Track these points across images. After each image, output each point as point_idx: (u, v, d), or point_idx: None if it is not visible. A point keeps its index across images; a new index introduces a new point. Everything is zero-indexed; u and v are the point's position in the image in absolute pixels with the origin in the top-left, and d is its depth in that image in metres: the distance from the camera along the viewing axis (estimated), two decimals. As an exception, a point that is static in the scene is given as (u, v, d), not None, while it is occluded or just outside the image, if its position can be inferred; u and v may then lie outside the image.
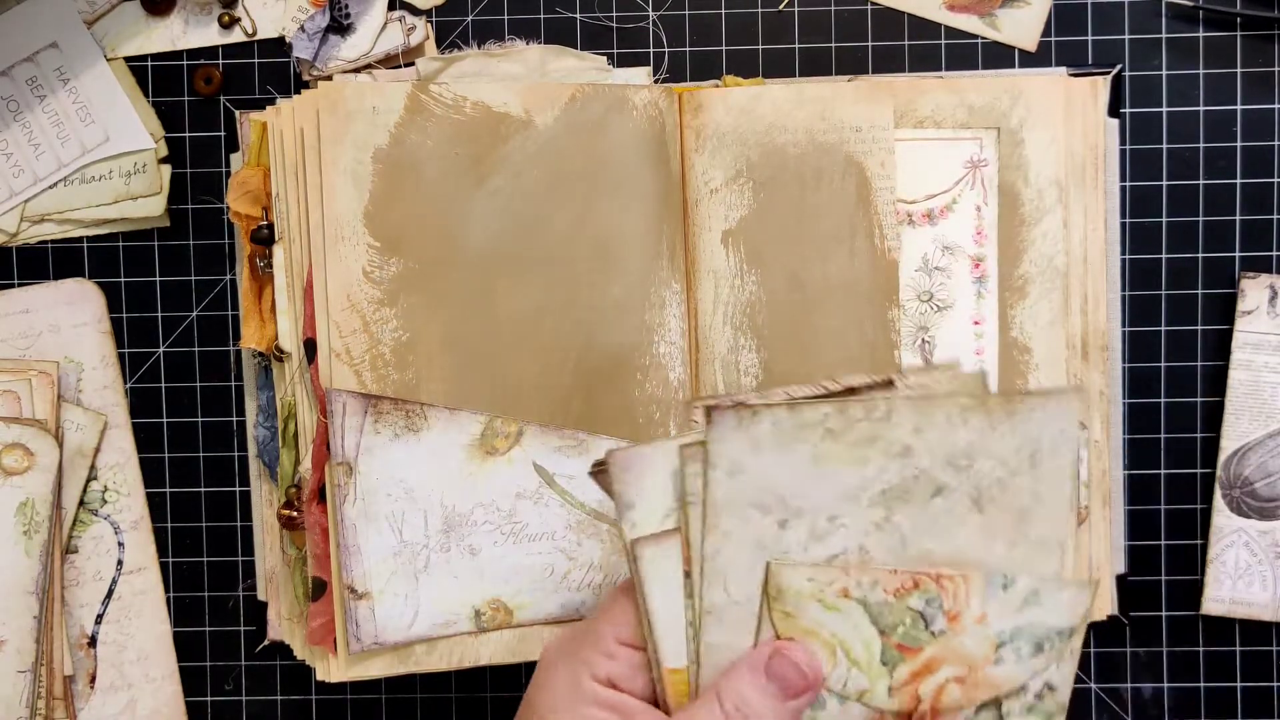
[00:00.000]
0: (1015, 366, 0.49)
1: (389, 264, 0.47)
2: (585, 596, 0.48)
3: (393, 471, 0.47)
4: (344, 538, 0.47)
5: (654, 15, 0.51)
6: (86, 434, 0.52)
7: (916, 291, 0.49)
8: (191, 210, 0.52)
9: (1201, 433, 0.51)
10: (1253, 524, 0.51)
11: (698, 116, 0.49)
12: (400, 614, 0.47)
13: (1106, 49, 0.51)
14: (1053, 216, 0.49)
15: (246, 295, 0.49)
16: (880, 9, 0.51)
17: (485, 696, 0.53)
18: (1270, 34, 0.51)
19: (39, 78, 0.52)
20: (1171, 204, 0.51)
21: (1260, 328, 0.50)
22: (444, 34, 0.52)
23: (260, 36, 0.52)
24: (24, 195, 0.52)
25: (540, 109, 0.47)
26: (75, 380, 0.52)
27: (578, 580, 0.48)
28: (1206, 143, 0.51)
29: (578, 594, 0.48)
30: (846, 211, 0.48)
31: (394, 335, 0.47)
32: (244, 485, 0.52)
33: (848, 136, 0.48)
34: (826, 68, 0.51)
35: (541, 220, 0.47)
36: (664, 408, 0.48)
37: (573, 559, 0.48)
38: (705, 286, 0.49)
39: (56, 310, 0.52)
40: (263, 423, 0.50)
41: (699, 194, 0.49)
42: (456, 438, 0.47)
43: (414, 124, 0.47)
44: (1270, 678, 0.52)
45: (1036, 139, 0.48)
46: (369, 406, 0.46)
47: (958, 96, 0.49)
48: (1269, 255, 0.51)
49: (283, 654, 0.52)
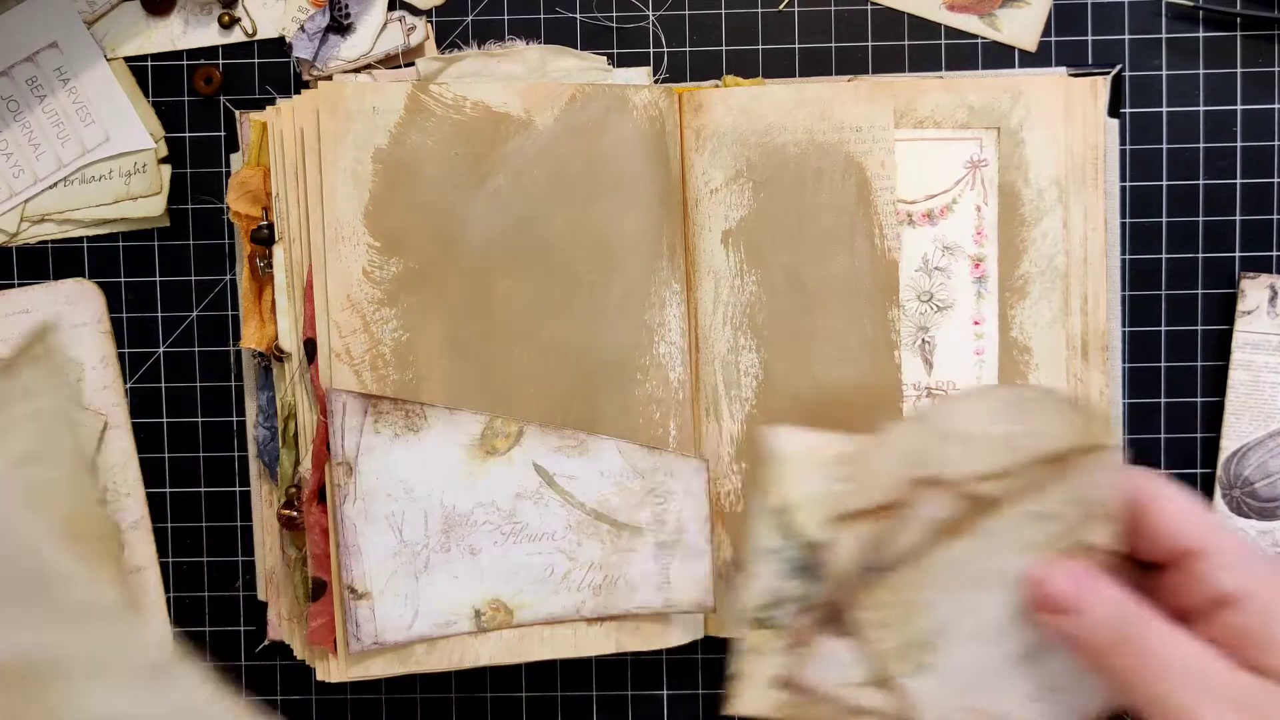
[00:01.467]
0: (1015, 366, 0.49)
1: (389, 264, 0.47)
2: (585, 596, 0.48)
3: (393, 471, 0.47)
4: (344, 538, 0.47)
5: (654, 15, 0.51)
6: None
7: (916, 291, 0.49)
8: (191, 210, 0.52)
9: (1201, 433, 0.51)
10: (1253, 524, 0.51)
11: (698, 116, 0.49)
12: (400, 614, 0.47)
13: (1106, 49, 0.51)
14: (1053, 216, 0.49)
15: (246, 295, 0.49)
16: (880, 9, 0.51)
17: (485, 696, 0.53)
18: (1270, 34, 0.51)
19: (39, 78, 0.52)
20: (1171, 204, 0.51)
21: (1260, 328, 0.50)
22: (444, 34, 0.52)
23: (260, 36, 0.52)
24: (24, 195, 0.52)
25: (540, 109, 0.47)
26: (75, 380, 0.52)
27: (578, 580, 0.48)
28: (1206, 143, 0.51)
29: (578, 594, 0.48)
30: (846, 211, 0.48)
31: (394, 335, 0.47)
32: (244, 485, 0.52)
33: (848, 136, 0.48)
34: (826, 68, 0.51)
35: (541, 220, 0.47)
36: (664, 408, 0.48)
37: (573, 559, 0.48)
38: (705, 286, 0.49)
39: (56, 310, 0.52)
40: (263, 423, 0.50)
41: (699, 194, 0.49)
42: (456, 438, 0.47)
43: (414, 124, 0.47)
44: (1270, 678, 0.51)
45: (1036, 139, 0.48)
46: (369, 406, 0.46)
47: (958, 96, 0.49)
48: (1269, 255, 0.51)
49: (283, 654, 0.52)
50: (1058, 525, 0.38)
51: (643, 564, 0.48)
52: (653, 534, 0.48)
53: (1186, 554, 0.37)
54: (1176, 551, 0.37)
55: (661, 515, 0.48)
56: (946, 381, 0.49)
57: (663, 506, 0.48)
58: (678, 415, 0.48)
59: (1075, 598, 0.37)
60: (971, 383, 0.49)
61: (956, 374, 0.49)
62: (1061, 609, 0.37)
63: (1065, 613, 0.37)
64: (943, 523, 0.38)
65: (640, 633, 0.49)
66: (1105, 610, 0.37)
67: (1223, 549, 0.36)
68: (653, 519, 0.48)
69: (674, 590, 0.48)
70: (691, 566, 0.48)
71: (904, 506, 0.38)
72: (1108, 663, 0.37)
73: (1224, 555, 0.36)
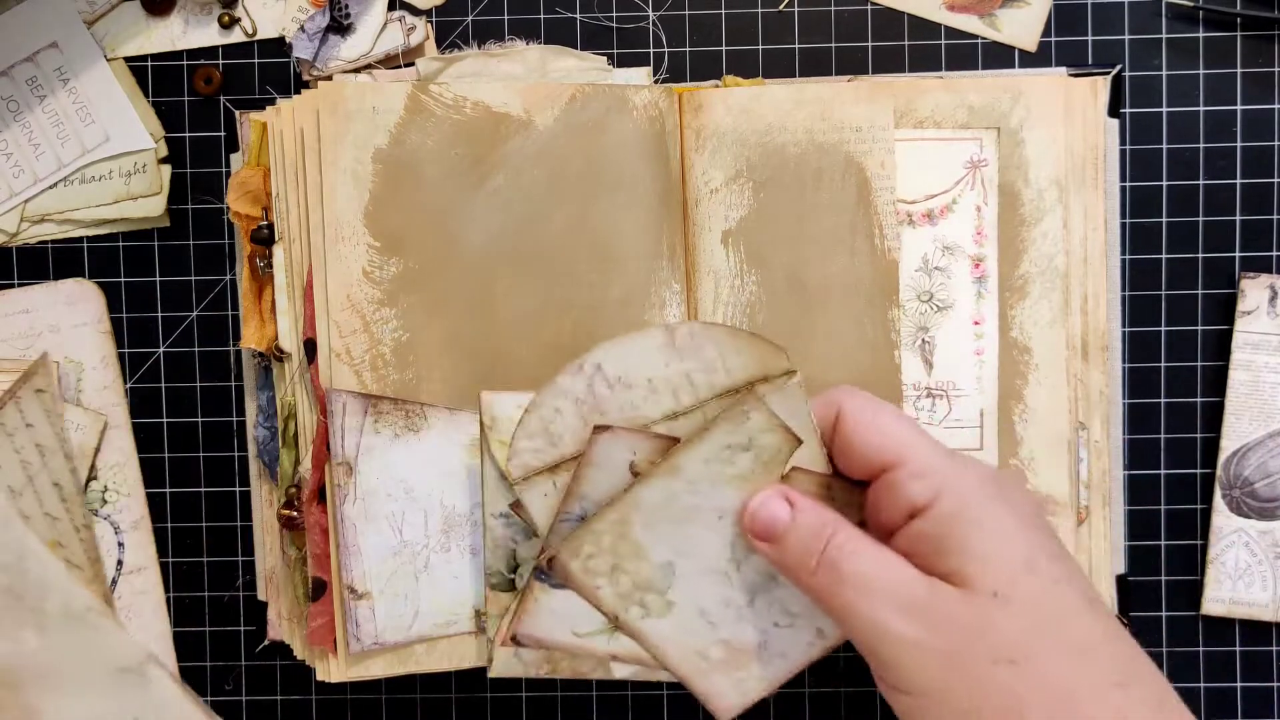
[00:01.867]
0: (1015, 366, 0.49)
1: (389, 264, 0.47)
2: (585, 596, 0.48)
3: (393, 471, 0.47)
4: (344, 538, 0.47)
5: (654, 15, 0.51)
6: (86, 434, 0.52)
7: (916, 291, 0.49)
8: (191, 210, 0.52)
9: (1201, 433, 0.51)
10: (1253, 524, 0.51)
11: (698, 116, 0.49)
12: (400, 614, 0.47)
13: (1106, 49, 0.51)
14: (1053, 216, 0.49)
15: (246, 295, 0.49)
16: (880, 9, 0.51)
17: (485, 696, 0.53)
18: (1270, 34, 0.51)
19: (39, 78, 0.52)
20: (1171, 204, 0.51)
21: (1260, 328, 0.50)
22: (444, 34, 0.52)
23: (260, 36, 0.52)
24: (24, 195, 0.52)
25: (540, 109, 0.47)
26: (75, 380, 0.52)
27: (578, 580, 0.48)
28: (1206, 143, 0.51)
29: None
30: (846, 211, 0.48)
31: (394, 335, 0.47)
32: (244, 485, 0.52)
33: (848, 136, 0.48)
34: (826, 68, 0.51)
35: (541, 220, 0.47)
36: (664, 408, 0.48)
37: (573, 559, 0.48)
38: (705, 286, 0.49)
39: (56, 310, 0.52)
40: (263, 423, 0.50)
41: (699, 194, 0.49)
42: (456, 438, 0.47)
43: (414, 124, 0.47)
44: (1270, 678, 0.52)
45: (1036, 139, 0.48)
46: (369, 406, 0.46)
47: (958, 96, 0.49)
48: (1269, 255, 0.51)
49: (283, 654, 0.52)
50: (755, 455, 0.38)
51: (643, 564, 0.48)
52: (652, 534, 0.48)
53: (883, 466, 0.37)
54: (874, 465, 0.37)
55: (661, 515, 0.48)
56: (947, 381, 0.49)
57: (663, 506, 0.48)
58: (678, 415, 0.48)
59: (773, 522, 0.37)
60: (969, 383, 0.49)
61: (957, 374, 0.49)
62: (766, 535, 0.37)
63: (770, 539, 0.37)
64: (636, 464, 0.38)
65: (640, 633, 0.49)
66: (799, 532, 0.37)
67: (915, 458, 0.36)
68: (653, 519, 0.48)
69: (674, 590, 0.48)
70: (691, 566, 0.48)
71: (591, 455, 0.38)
72: (806, 582, 0.37)
73: (915, 464, 0.36)
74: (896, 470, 0.36)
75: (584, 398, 0.39)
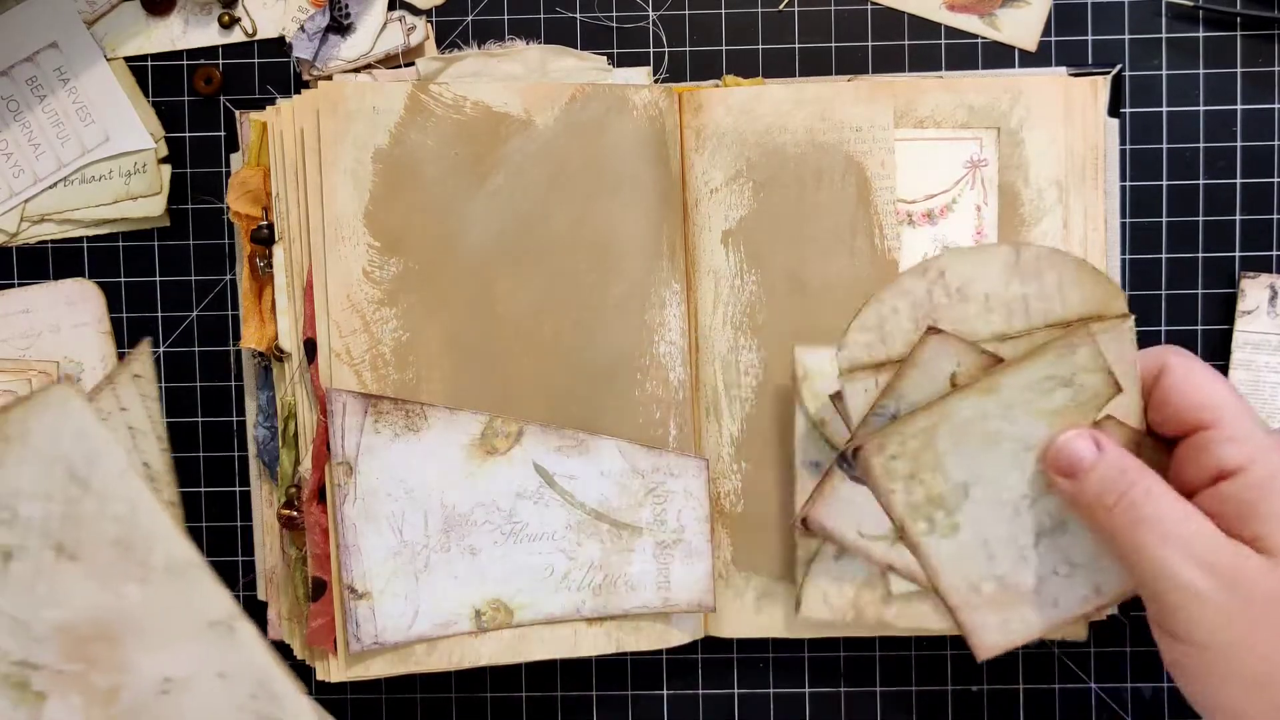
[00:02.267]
0: (1015, 366, 0.49)
1: (389, 264, 0.47)
2: (585, 596, 0.48)
3: (393, 471, 0.47)
4: (344, 538, 0.47)
5: (654, 15, 0.51)
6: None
7: (916, 291, 0.49)
8: (191, 210, 0.52)
9: (1201, 433, 0.51)
10: (1253, 524, 0.51)
11: (698, 116, 0.49)
12: (400, 614, 0.47)
13: (1106, 49, 0.51)
14: (1053, 216, 0.49)
15: (246, 295, 0.49)
16: (880, 9, 0.51)
17: (485, 696, 0.53)
18: (1270, 34, 0.51)
19: (39, 78, 0.52)
20: (1171, 204, 0.51)
21: (1260, 328, 0.50)
22: (444, 34, 0.52)
23: (260, 36, 0.52)
24: (24, 195, 0.52)
25: (540, 109, 0.47)
26: (75, 380, 0.52)
27: (578, 580, 0.48)
28: (1206, 143, 0.51)
29: (577, 594, 0.48)
30: (846, 211, 0.48)
31: (394, 335, 0.47)
32: (244, 485, 0.52)
33: (848, 136, 0.48)
34: (826, 68, 0.51)
35: (541, 220, 0.47)
36: (664, 407, 0.48)
37: (573, 559, 0.48)
38: (705, 286, 0.49)
39: (56, 310, 0.52)
40: (263, 423, 0.50)
41: (699, 194, 0.49)
42: (456, 438, 0.47)
43: (414, 124, 0.47)
44: None
45: (1036, 139, 0.48)
46: (369, 406, 0.46)
47: (958, 96, 0.49)
48: (1269, 255, 0.51)
49: (283, 654, 0.52)
50: (1074, 392, 0.38)
51: (643, 564, 0.48)
52: (653, 534, 0.48)
53: (1197, 426, 0.37)
54: (1188, 424, 0.38)
55: (661, 515, 0.48)
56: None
57: (663, 506, 0.48)
58: (678, 415, 0.48)
59: (1079, 458, 0.37)
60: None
61: (957, 374, 0.49)
62: (1068, 470, 0.38)
63: (1071, 475, 0.38)
64: (955, 376, 0.38)
65: (640, 633, 0.49)
66: (1104, 470, 0.37)
67: (1231, 421, 0.37)
68: (653, 519, 0.48)
69: (674, 590, 0.48)
70: (691, 566, 0.48)
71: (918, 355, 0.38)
72: (1101, 519, 0.37)
73: (1231, 427, 0.37)
74: (1211, 430, 0.37)
75: (921, 301, 0.39)
